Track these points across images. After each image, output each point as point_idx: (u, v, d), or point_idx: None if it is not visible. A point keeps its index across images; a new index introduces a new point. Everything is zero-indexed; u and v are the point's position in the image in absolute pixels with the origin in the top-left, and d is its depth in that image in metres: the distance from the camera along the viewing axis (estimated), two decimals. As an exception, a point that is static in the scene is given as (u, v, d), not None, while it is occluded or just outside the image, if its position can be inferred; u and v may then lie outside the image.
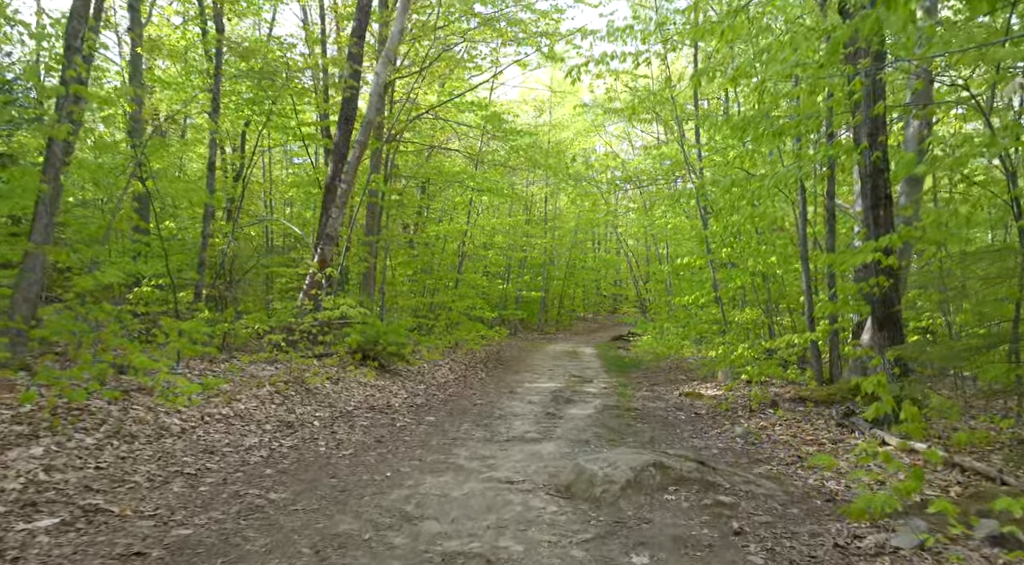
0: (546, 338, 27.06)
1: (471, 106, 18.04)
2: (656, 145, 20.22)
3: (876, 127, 7.59)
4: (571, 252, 32.79)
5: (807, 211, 11.00)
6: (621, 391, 11.99)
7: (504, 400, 10.78)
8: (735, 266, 13.56)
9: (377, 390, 10.64)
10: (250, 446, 6.42)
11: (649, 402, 10.81)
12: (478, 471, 6.01)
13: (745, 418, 8.92)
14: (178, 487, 5.03)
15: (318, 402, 8.91)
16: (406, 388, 11.33)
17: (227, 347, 11.82)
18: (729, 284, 12.68)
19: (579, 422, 8.74)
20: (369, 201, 16.98)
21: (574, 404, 10.36)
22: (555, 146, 21.23)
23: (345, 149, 12.97)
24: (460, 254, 21.86)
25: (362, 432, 7.60)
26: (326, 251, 12.11)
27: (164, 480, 5.15)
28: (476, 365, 15.76)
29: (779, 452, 7.03)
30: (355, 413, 8.70)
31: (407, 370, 12.98)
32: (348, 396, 9.71)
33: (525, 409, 9.82)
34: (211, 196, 12.36)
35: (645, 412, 9.70)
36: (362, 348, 12.31)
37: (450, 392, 11.51)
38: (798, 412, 8.93)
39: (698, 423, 8.87)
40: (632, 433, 8.05)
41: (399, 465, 6.16)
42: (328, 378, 10.41)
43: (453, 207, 22.32)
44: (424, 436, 7.59)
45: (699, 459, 5.66)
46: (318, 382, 9.87)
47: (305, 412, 8.18)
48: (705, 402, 10.59)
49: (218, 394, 7.97)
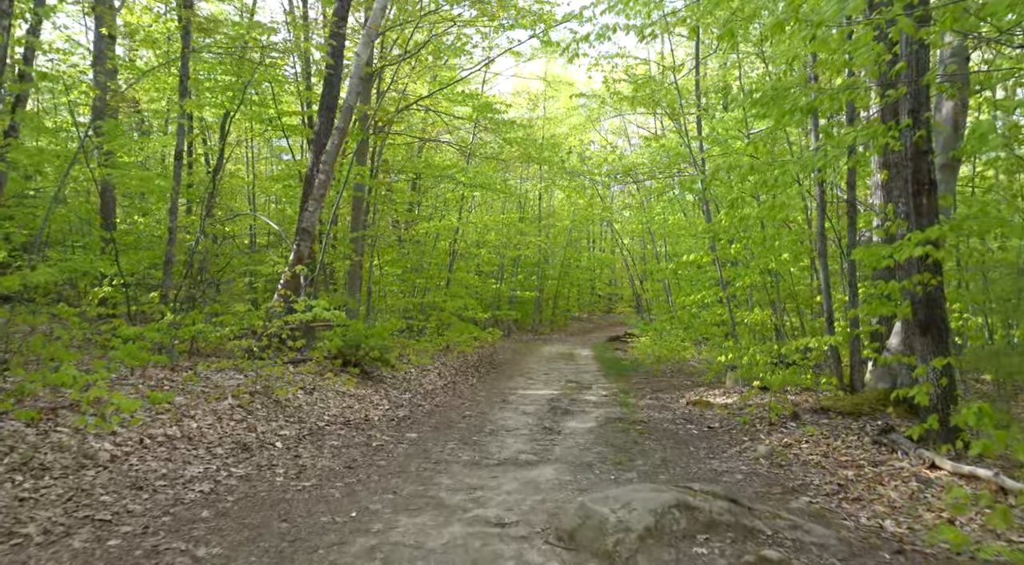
0: (541, 339, 26.00)
1: (462, 97, 16.95)
2: (656, 136, 19.16)
3: (919, 102, 6.54)
4: (566, 251, 31.72)
5: (823, 203, 9.97)
6: (623, 399, 10.93)
7: (496, 411, 9.71)
8: (738, 264, 12.54)
9: (356, 400, 9.55)
10: (191, 477, 5.33)
11: (654, 412, 9.75)
12: (463, 508, 4.94)
13: (765, 433, 7.87)
14: (81, 541, 3.94)
15: (286, 417, 7.82)
16: (389, 398, 10.25)
17: (197, 353, 10.74)
18: (736, 282, 11.63)
19: (580, 439, 7.67)
20: (355, 196, 15.89)
21: (573, 416, 9.30)
22: (549, 140, 20.17)
23: (325, 139, 11.87)
24: (451, 252, 20.76)
25: (331, 455, 6.51)
26: (302, 247, 11.01)
27: (66, 531, 4.06)
28: (467, 370, 14.69)
29: (813, 477, 5.97)
30: (327, 430, 7.61)
31: (392, 377, 11.90)
32: (322, 409, 8.62)
33: (519, 422, 8.75)
34: (178, 187, 11.26)
35: (652, 425, 8.64)
36: (342, 353, 11.23)
37: (437, 402, 10.43)
38: (822, 425, 7.88)
39: (713, 439, 7.81)
40: (641, 453, 6.99)
41: (369, 501, 5.08)
42: (302, 388, 9.33)
43: (444, 203, 21.23)
44: (403, 459, 6.51)
45: (730, 496, 4.60)
46: (290, 393, 8.78)
47: (268, 430, 7.09)
48: (716, 412, 9.54)
49: (168, 409, 6.88)
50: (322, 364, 11.01)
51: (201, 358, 10.40)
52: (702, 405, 10.16)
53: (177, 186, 11.39)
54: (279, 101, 15.20)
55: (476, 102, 15.70)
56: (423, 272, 18.94)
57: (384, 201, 19.56)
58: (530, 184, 27.04)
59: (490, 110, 15.48)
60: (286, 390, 8.76)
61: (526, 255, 26.21)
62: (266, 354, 9.62)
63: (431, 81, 18.25)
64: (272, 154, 23.71)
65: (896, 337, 8.77)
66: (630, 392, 11.86)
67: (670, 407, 10.26)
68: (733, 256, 11.84)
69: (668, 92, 14.15)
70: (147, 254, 11.83)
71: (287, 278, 11.01)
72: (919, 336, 6.68)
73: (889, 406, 8.19)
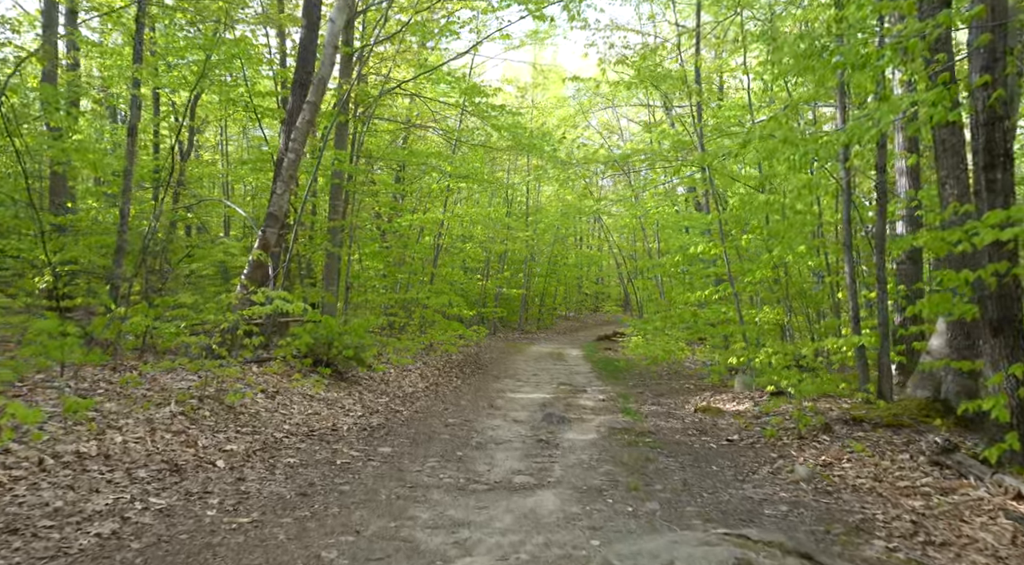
0: (527, 338, 24.77)
1: (449, 80, 15.66)
2: (655, 124, 18.01)
3: (994, 58, 5.39)
4: (553, 248, 30.50)
5: (849, 188, 8.83)
6: (624, 405, 9.73)
7: (483, 418, 8.48)
8: (742, 259, 11.41)
9: (325, 405, 8.29)
10: (92, 513, 4.05)
11: (661, 420, 8.56)
12: (443, 556, 3.72)
13: (795, 448, 6.69)
14: None
15: (238, 427, 6.54)
16: (363, 402, 8.98)
17: (151, 351, 9.42)
18: (746, 278, 10.47)
19: (583, 454, 6.46)
20: (333, 183, 14.57)
21: (571, 425, 8.08)
22: (540, 129, 18.94)
23: (298, 117, 10.58)
24: (436, 247, 19.48)
25: (284, 477, 5.25)
26: (268, 234, 9.72)
27: None
28: (451, 370, 13.44)
29: (873, 509, 4.79)
30: (284, 443, 6.33)
31: (368, 378, 10.64)
32: (283, 416, 7.35)
33: (510, 432, 7.53)
34: (132, 167, 9.95)
35: (662, 437, 7.43)
36: (313, 352, 9.95)
37: (417, 406, 9.19)
38: (860, 440, 6.72)
39: (736, 455, 6.61)
40: (657, 473, 5.79)
41: (321, 545, 3.84)
42: (262, 391, 8.05)
43: (429, 195, 19.93)
44: (372, 482, 5.26)
45: (801, 550, 3.39)
46: (247, 397, 7.50)
47: (212, 444, 5.82)
48: (730, 421, 8.36)
49: (90, 419, 5.59)
50: (290, 364, 9.74)
51: (157, 356, 9.11)
52: (713, 412, 8.98)
53: (131, 166, 10.07)
54: (254, 82, 13.86)
55: (463, 85, 14.43)
56: (406, 266, 17.65)
57: (367, 193, 18.25)
58: (518, 176, 25.77)
59: (478, 93, 14.21)
60: (242, 394, 7.49)
61: (513, 250, 24.98)
62: (224, 352, 8.34)
63: (417, 66, 16.97)
64: (250, 145, 22.31)
65: (939, 338, 7.63)
66: (629, 396, 10.66)
67: (676, 414, 9.08)
68: (744, 248, 10.67)
69: (667, 75, 12.95)
70: (95, 240, 10.48)
71: (251, 268, 9.72)
72: (990, 337, 5.52)
73: (934, 417, 7.04)
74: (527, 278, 27.00)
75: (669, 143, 14.55)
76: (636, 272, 26.77)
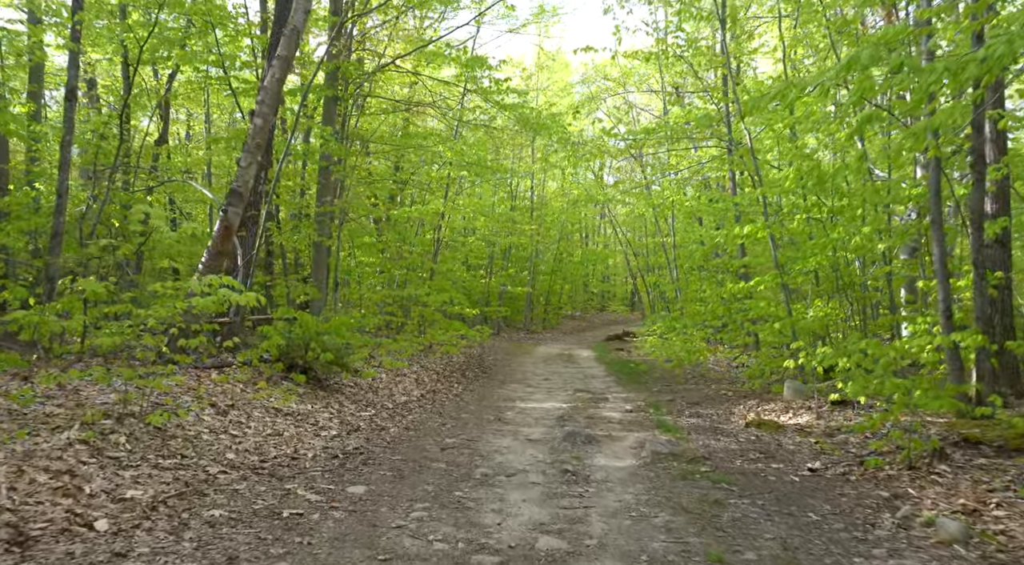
0: (533, 338, 22.94)
1: (448, 58, 13.82)
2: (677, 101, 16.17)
3: None
4: (559, 245, 28.67)
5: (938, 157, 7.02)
6: (657, 417, 7.92)
7: (489, 435, 6.68)
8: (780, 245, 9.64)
9: (293, 422, 6.49)
10: None
11: (709, 438, 6.75)
12: None
13: (908, 482, 4.88)
14: None
15: (163, 457, 4.75)
16: (343, 416, 7.19)
17: (92, 354, 7.63)
18: (795, 266, 8.67)
19: (624, 493, 4.66)
20: (321, 166, 12.79)
21: (599, 446, 6.27)
22: (547, 110, 17.12)
23: (272, 81, 8.80)
24: (436, 240, 17.67)
25: (192, 546, 3.44)
26: (231, 215, 7.91)
27: None
28: (452, 374, 11.64)
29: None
30: (218, 482, 4.53)
31: (353, 385, 8.84)
32: (232, 439, 5.55)
33: (524, 458, 5.72)
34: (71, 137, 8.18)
35: (721, 465, 5.62)
36: (288, 355, 8.16)
37: (408, 421, 7.38)
38: (989, 469, 4.92)
39: (833, 494, 4.79)
40: (737, 528, 3.98)
41: None
42: (212, 405, 6.25)
43: (428, 184, 18.13)
44: (327, 552, 3.46)
45: None
46: (191, 414, 5.72)
47: (105, 490, 4.01)
48: (796, 440, 6.56)
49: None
50: (259, 370, 7.95)
51: (102, 361, 7.34)
52: (769, 428, 7.17)
53: (69, 136, 8.28)
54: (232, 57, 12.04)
55: (463, 58, 12.62)
56: (403, 261, 15.83)
57: (362, 181, 16.46)
58: (523, 165, 23.88)
59: (480, 65, 12.42)
60: (185, 410, 5.70)
61: (518, 245, 23.18)
62: (184, 357, 6.58)
63: (415, 44, 15.20)
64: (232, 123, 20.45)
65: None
66: (660, 406, 8.84)
67: (724, 429, 7.26)
68: (796, 231, 8.85)
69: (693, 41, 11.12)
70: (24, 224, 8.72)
71: (209, 256, 7.92)
72: None
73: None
74: (532, 276, 25.18)
75: (693, 122, 12.73)
76: (648, 268, 24.92)
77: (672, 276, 19.51)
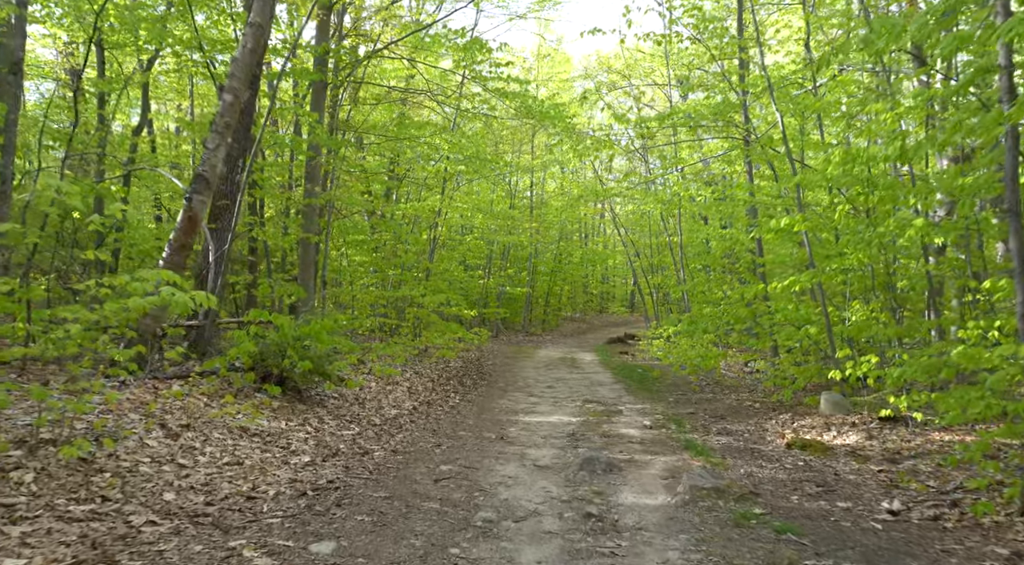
0: (533, 341, 21.83)
1: (445, 44, 12.71)
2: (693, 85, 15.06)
3: None
4: (558, 245, 27.58)
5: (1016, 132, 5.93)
6: (682, 436, 6.82)
7: (491, 460, 5.59)
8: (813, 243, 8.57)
9: (259, 446, 5.39)
10: None
11: (749, 464, 5.66)
12: None
13: (1021, 529, 3.80)
14: None
15: (77, 500, 3.65)
16: (320, 436, 6.08)
17: (38, 361, 6.52)
18: (832, 264, 7.60)
19: (666, 550, 3.57)
20: (308, 157, 11.70)
21: (622, 475, 5.18)
22: (550, 99, 16.08)
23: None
24: (432, 239, 16.56)
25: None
26: (196, 204, 6.80)
27: None
28: (448, 381, 10.55)
29: None
30: (141, 538, 3.41)
31: (338, 397, 7.75)
32: (179, 471, 4.45)
33: (534, 494, 4.63)
34: (16, 116, 7.10)
35: (775, 502, 4.53)
36: (262, 363, 7.06)
37: (397, 441, 6.28)
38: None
39: (941, 556, 3.69)
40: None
41: None
42: (162, 425, 5.15)
43: (425, 177, 17.03)
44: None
45: None
46: (136, 434, 4.62)
47: (-26, 558, 2.90)
48: (852, 466, 5.48)
49: None
50: (227, 380, 6.85)
51: (57, 370, 6.28)
52: (816, 450, 6.08)
53: (14, 114, 7.18)
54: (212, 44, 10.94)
55: (463, 38, 11.53)
56: (398, 260, 14.72)
57: (355, 176, 15.38)
58: (523, 160, 22.75)
59: (480, 48, 11.34)
60: (126, 431, 4.61)
61: (517, 245, 22.07)
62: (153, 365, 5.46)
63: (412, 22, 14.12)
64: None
65: None
66: (682, 421, 7.74)
67: (763, 452, 6.18)
68: (837, 223, 7.76)
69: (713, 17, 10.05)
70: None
71: (171, 250, 6.81)
72: None
73: None
74: (531, 276, 24.08)
75: (706, 110, 11.66)
76: (652, 269, 23.83)
77: (679, 277, 18.44)
